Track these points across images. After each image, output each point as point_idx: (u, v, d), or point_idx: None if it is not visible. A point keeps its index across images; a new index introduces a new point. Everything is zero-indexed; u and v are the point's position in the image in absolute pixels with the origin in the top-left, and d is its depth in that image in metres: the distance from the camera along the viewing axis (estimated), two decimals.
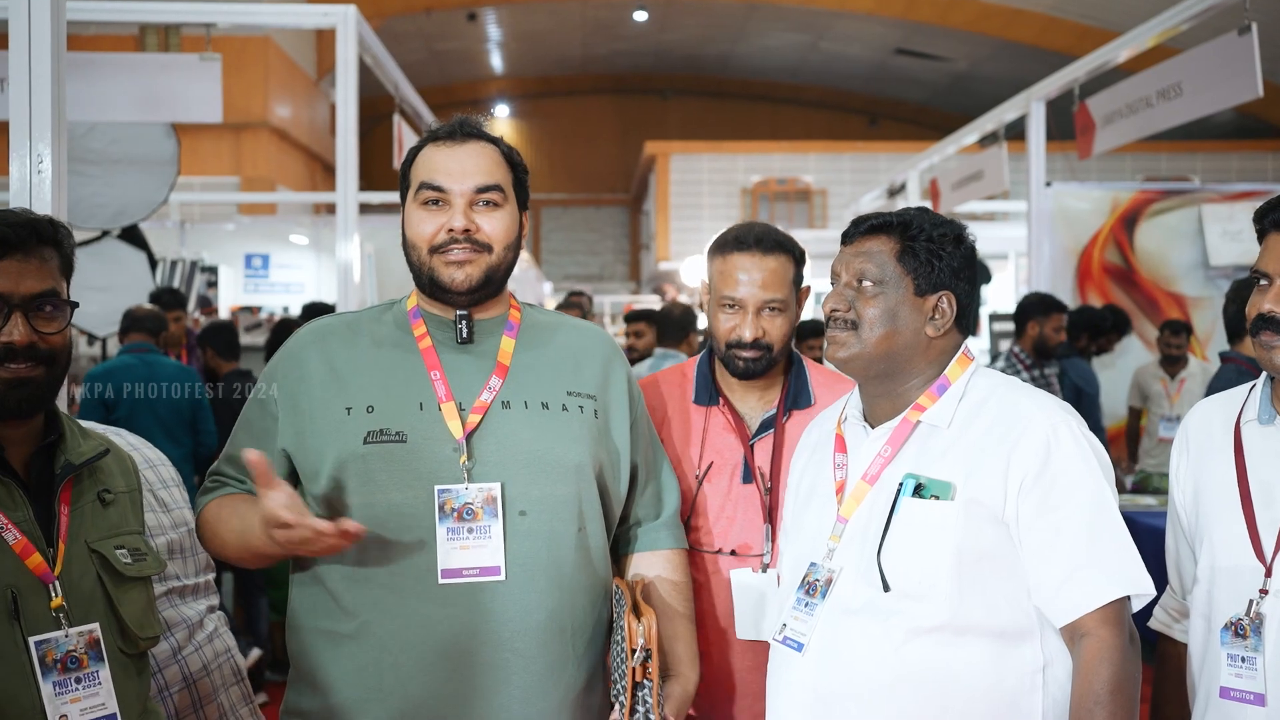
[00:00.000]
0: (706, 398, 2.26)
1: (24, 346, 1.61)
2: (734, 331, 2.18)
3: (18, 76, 2.40)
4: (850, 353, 1.82)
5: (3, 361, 1.61)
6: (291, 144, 18.19)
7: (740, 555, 2.17)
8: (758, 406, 2.26)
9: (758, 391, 2.26)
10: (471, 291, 1.88)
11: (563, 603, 1.83)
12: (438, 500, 1.78)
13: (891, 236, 1.82)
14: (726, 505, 2.19)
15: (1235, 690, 1.74)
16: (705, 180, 22.24)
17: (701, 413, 2.26)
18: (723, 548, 2.18)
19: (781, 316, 2.19)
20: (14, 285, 1.62)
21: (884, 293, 1.81)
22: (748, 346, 2.17)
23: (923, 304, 1.82)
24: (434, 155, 1.91)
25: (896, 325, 1.80)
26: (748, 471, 2.20)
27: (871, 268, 1.81)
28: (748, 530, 2.18)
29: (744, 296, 2.17)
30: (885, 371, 1.83)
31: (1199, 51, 4.94)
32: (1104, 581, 1.69)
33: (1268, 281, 1.77)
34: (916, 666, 1.70)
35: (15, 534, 1.60)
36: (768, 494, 2.18)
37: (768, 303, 2.17)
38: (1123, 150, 7.45)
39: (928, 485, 1.74)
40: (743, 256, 2.19)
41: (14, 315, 1.61)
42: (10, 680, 1.55)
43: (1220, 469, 1.85)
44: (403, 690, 1.76)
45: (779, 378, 2.28)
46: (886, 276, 1.81)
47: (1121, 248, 7.12)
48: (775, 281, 2.17)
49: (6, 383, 1.61)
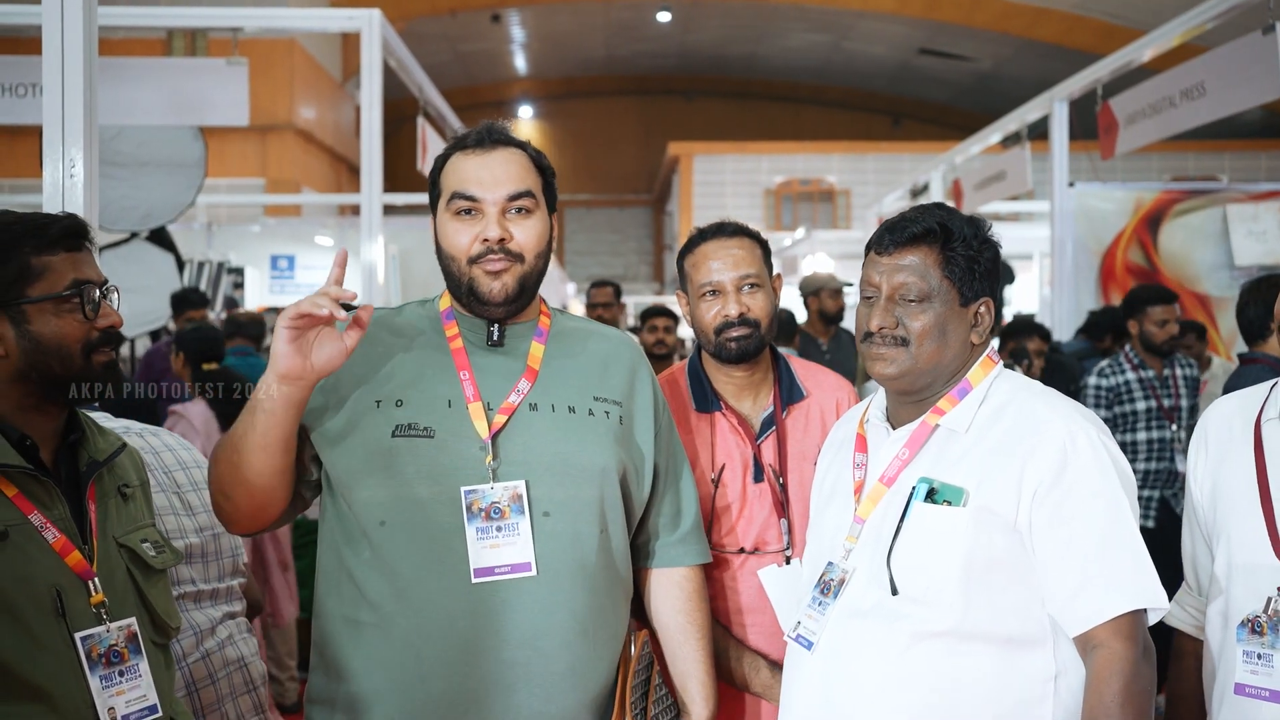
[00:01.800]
0: (706, 405, 2.28)
1: (116, 331, 1.71)
2: (720, 314, 2.22)
3: (51, 83, 2.45)
4: (901, 369, 1.79)
5: (102, 345, 1.70)
6: (316, 146, 18.32)
7: (760, 552, 2.20)
8: (755, 407, 2.29)
9: (751, 392, 2.30)
10: (507, 302, 1.90)
11: (586, 603, 1.84)
12: (465, 500, 1.80)
13: (933, 247, 1.79)
14: (742, 505, 2.23)
15: (1251, 687, 1.75)
16: (729, 181, 22.25)
17: (706, 419, 2.28)
18: (743, 546, 2.21)
19: (761, 293, 2.24)
20: (97, 273, 1.72)
21: (932, 307, 1.78)
22: (736, 325, 2.20)
23: (966, 313, 1.81)
24: (464, 163, 1.92)
25: (945, 339, 1.79)
26: (758, 471, 2.23)
27: (916, 281, 1.78)
28: (765, 527, 2.21)
29: (721, 279, 2.22)
30: (930, 383, 1.82)
31: (1222, 51, 4.92)
32: (1117, 594, 1.67)
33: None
34: (921, 671, 1.71)
35: (55, 532, 1.65)
36: (782, 490, 2.20)
37: (745, 279, 2.22)
38: (1149, 150, 7.41)
39: (940, 490, 1.74)
40: (711, 244, 2.27)
41: (105, 300, 1.72)
42: (62, 676, 1.59)
43: (1240, 466, 1.86)
44: (423, 683, 1.78)
45: (768, 377, 2.31)
46: (933, 290, 1.78)
47: (1145, 248, 7.09)
48: (747, 259, 2.23)
49: (104, 365, 1.71)
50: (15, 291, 1.66)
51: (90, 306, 1.70)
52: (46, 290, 1.67)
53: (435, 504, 1.81)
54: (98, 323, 1.70)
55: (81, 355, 1.69)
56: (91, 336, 1.70)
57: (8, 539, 1.59)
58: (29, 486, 1.65)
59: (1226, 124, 5.07)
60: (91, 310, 1.70)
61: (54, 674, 1.59)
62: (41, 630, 1.59)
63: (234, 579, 2.45)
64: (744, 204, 21.94)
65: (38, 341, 1.66)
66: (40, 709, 1.57)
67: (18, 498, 1.63)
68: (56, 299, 1.67)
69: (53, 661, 1.59)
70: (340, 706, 1.84)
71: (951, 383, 1.83)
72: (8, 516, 1.61)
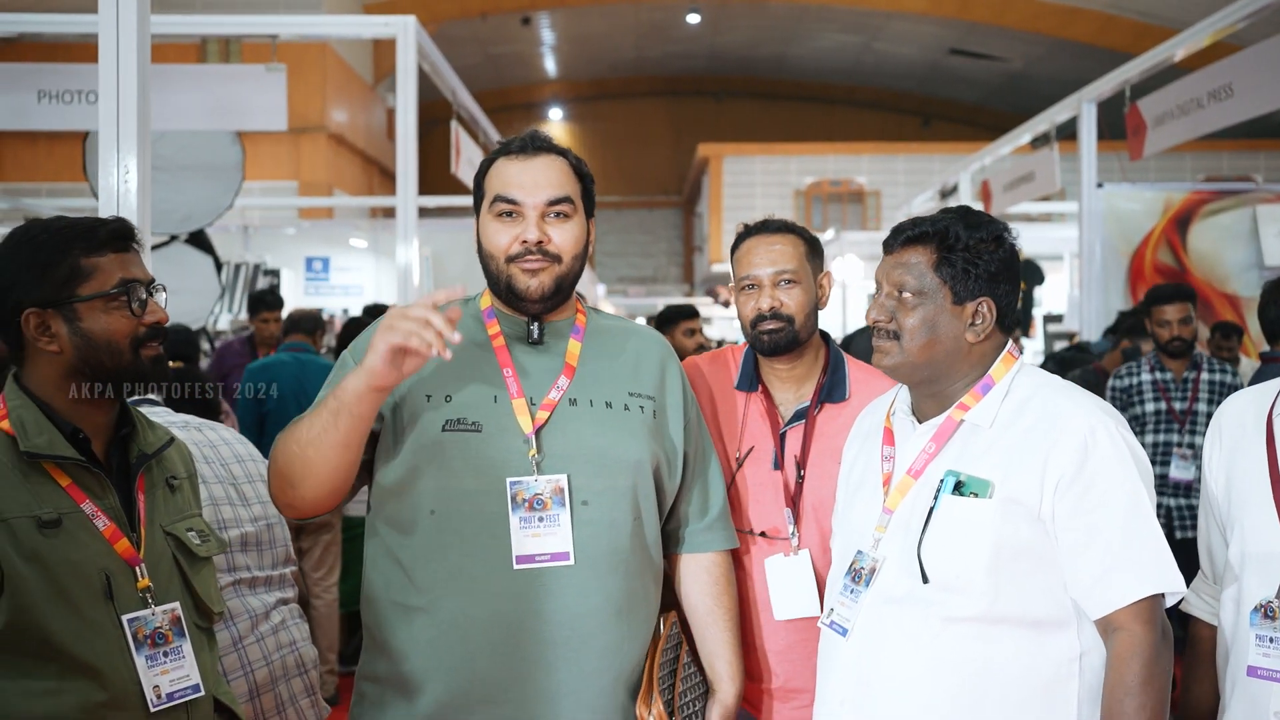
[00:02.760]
0: (747, 384, 2.38)
1: (162, 327, 1.82)
2: (754, 308, 2.31)
3: (107, 91, 2.56)
4: (894, 361, 1.90)
5: (150, 340, 1.80)
6: (348, 148, 18.51)
7: (770, 537, 2.28)
8: (793, 396, 2.37)
9: (795, 382, 2.37)
10: (544, 300, 1.99)
11: (620, 587, 1.94)
12: (510, 491, 1.89)
13: (929, 247, 1.88)
14: (760, 490, 2.31)
15: (1263, 669, 1.82)
16: (758, 182, 22.27)
17: (742, 398, 2.38)
18: (756, 529, 2.30)
19: (797, 288, 2.31)
20: (144, 273, 1.82)
21: (922, 304, 1.87)
22: (768, 318, 2.29)
23: (962, 312, 1.88)
24: (507, 168, 2.01)
25: (936, 334, 1.87)
26: (776, 458, 2.31)
27: (910, 279, 1.88)
28: (775, 514, 2.29)
29: (758, 274, 2.32)
30: (929, 377, 1.90)
31: (1250, 53, 4.93)
32: (1136, 580, 1.75)
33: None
34: (953, 654, 1.78)
35: (105, 520, 1.75)
36: (798, 481, 2.27)
37: (780, 274, 2.30)
38: (1182, 149, 7.43)
39: (967, 483, 1.81)
40: (753, 240, 2.37)
41: (151, 298, 1.81)
42: (111, 655, 1.70)
43: (1252, 458, 1.92)
44: (470, 664, 1.87)
45: (816, 370, 2.38)
46: (925, 287, 1.87)
47: (1174, 248, 7.09)
48: (784, 256, 2.32)
49: (152, 360, 1.81)
50: (67, 291, 1.77)
51: (137, 304, 1.80)
52: (96, 289, 1.77)
53: (482, 495, 1.89)
54: (145, 319, 1.80)
55: (130, 350, 1.79)
56: (139, 332, 1.80)
57: (61, 526, 1.69)
58: (81, 477, 1.75)
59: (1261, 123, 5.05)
60: (138, 307, 1.80)
61: (103, 653, 1.69)
62: (92, 612, 1.69)
63: (286, 567, 2.56)
64: (774, 205, 21.94)
65: (89, 337, 1.77)
66: (91, 685, 1.67)
67: (71, 487, 1.73)
68: (105, 297, 1.77)
69: (102, 641, 1.69)
70: (391, 684, 1.93)
71: (973, 378, 1.90)
72: (61, 505, 1.71)
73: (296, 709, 2.47)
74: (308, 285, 9.72)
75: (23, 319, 1.77)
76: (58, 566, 1.67)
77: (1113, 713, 1.73)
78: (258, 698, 2.38)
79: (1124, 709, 1.71)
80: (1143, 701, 1.70)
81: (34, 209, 10.20)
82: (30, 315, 1.77)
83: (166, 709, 1.74)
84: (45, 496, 1.70)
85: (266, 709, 2.40)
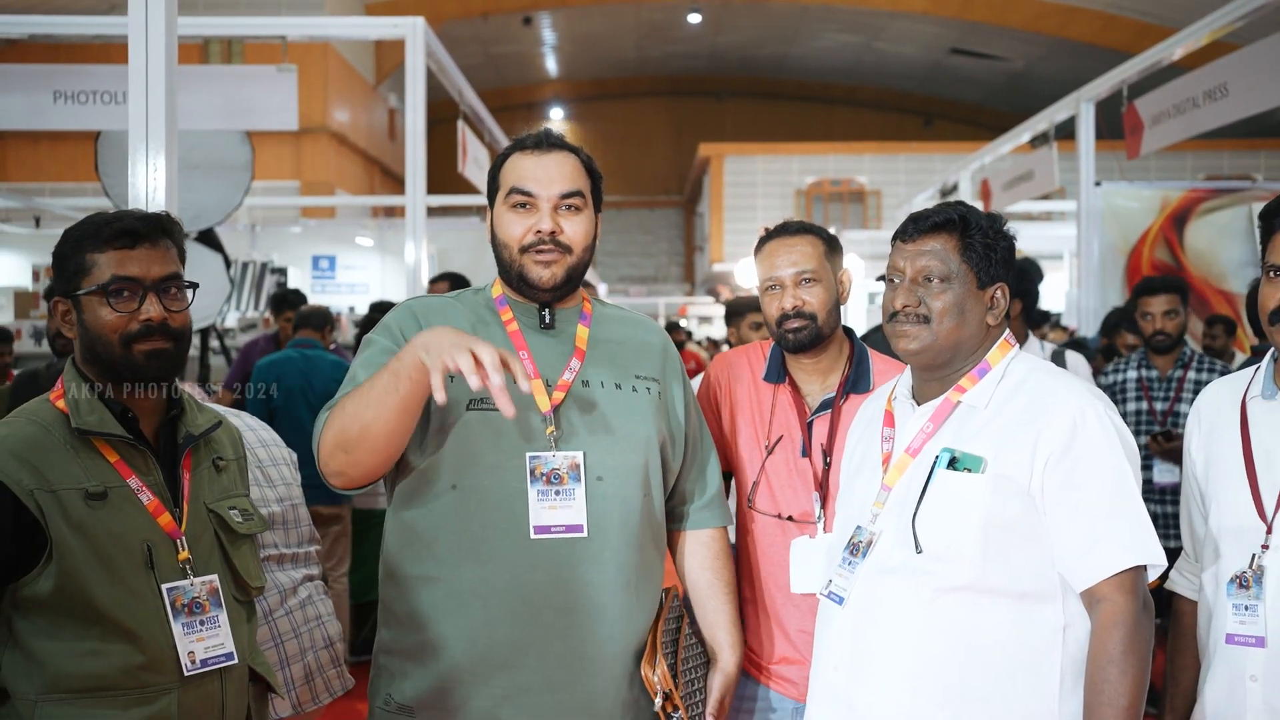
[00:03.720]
0: (775, 376, 2.49)
1: (159, 323, 1.87)
2: (779, 307, 2.42)
3: (136, 93, 2.64)
4: (922, 344, 1.96)
5: (143, 337, 1.87)
6: (350, 148, 18.61)
7: (799, 521, 2.39)
8: (819, 388, 2.48)
9: (821, 375, 2.48)
10: (555, 289, 2.10)
11: (630, 559, 2.04)
12: (529, 465, 2.00)
13: (953, 234, 1.97)
14: (789, 476, 2.42)
15: (1239, 635, 1.93)
16: (759, 182, 22.35)
17: (769, 390, 2.49)
18: (784, 513, 2.40)
19: (818, 286, 2.42)
20: (146, 270, 1.89)
21: (951, 288, 1.96)
22: (791, 317, 2.40)
23: (983, 296, 1.98)
24: (522, 162, 2.11)
25: (964, 317, 1.96)
26: (804, 446, 2.41)
27: (937, 264, 1.96)
28: (805, 500, 2.39)
29: (781, 274, 2.42)
30: (950, 359, 1.99)
31: (1245, 53, 5.01)
32: (1119, 552, 1.84)
33: None
34: (943, 622, 1.87)
35: (149, 495, 1.86)
36: (825, 468, 2.38)
37: (802, 274, 2.41)
38: (1183, 148, 7.50)
39: (961, 459, 1.91)
40: (775, 243, 2.47)
41: (149, 296, 1.88)
42: (149, 620, 1.81)
43: (1228, 440, 2.04)
44: (488, 630, 1.97)
45: (841, 362, 2.49)
46: (952, 272, 1.96)
47: (1171, 246, 7.17)
48: (805, 256, 2.42)
49: (146, 355, 1.88)
50: (75, 284, 1.89)
51: (123, 301, 1.86)
52: (91, 284, 1.87)
53: (502, 469, 1.99)
54: (138, 316, 1.87)
55: (120, 345, 1.87)
56: (130, 328, 1.87)
57: (107, 499, 1.80)
58: (128, 454, 1.87)
59: (1261, 122, 5.10)
60: (126, 303, 1.87)
61: (142, 619, 1.80)
62: (133, 580, 1.81)
63: (310, 545, 2.68)
64: (774, 204, 22.03)
65: (87, 329, 1.88)
66: (130, 648, 1.78)
67: (118, 463, 1.85)
68: (96, 292, 1.87)
69: (142, 608, 1.81)
70: (412, 654, 2.02)
71: (971, 363, 2.00)
72: (108, 479, 1.82)
73: (324, 679, 2.59)
74: (314, 283, 9.81)
75: (52, 306, 1.92)
76: (103, 536, 1.78)
77: (1096, 679, 1.81)
78: (288, 667, 2.49)
79: (1107, 675, 1.80)
80: (1124, 668, 1.79)
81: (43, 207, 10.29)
82: (57, 303, 1.92)
83: (200, 674, 1.85)
84: (94, 471, 1.81)
85: (296, 679, 2.52)
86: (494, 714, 1.98)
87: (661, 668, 2.03)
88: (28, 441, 1.79)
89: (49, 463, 1.78)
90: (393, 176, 21.13)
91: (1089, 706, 1.82)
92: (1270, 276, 1.97)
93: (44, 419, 1.84)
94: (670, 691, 2.02)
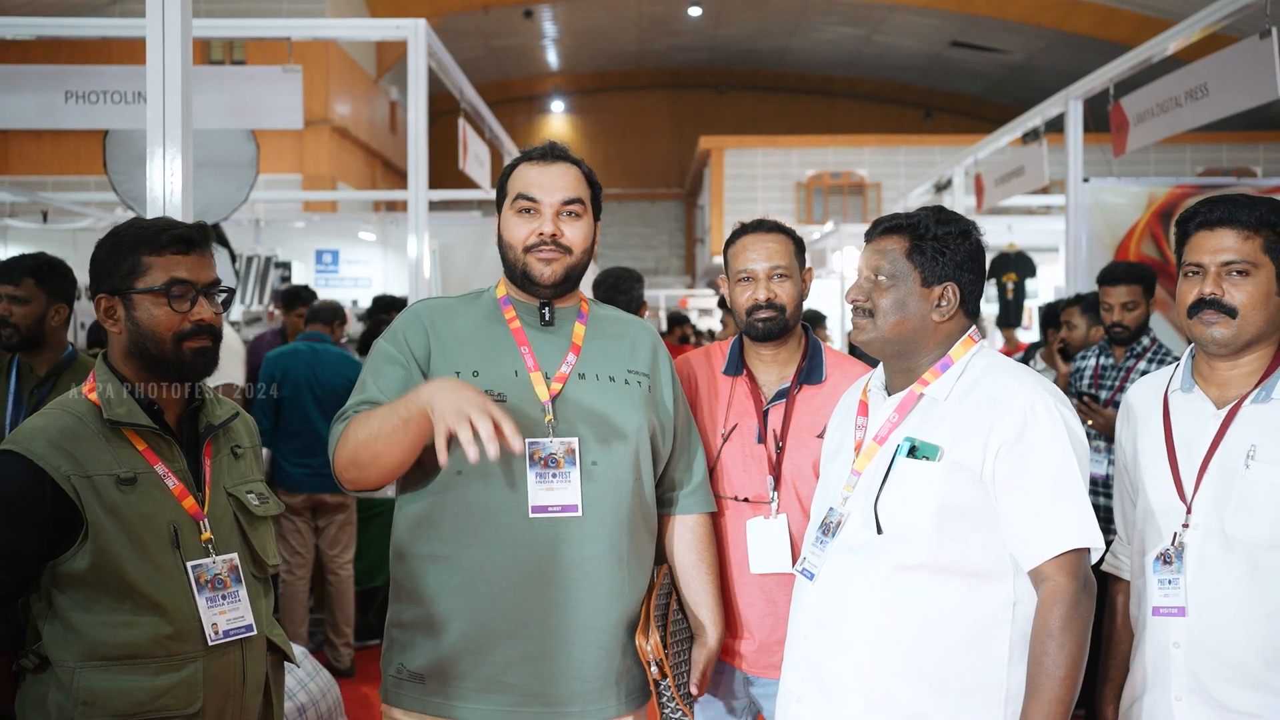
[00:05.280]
0: (733, 369, 2.68)
1: (208, 324, 2.05)
2: (751, 298, 2.60)
3: (154, 94, 2.78)
4: (868, 336, 2.16)
5: (193, 336, 2.05)
6: (351, 141, 18.71)
7: (754, 503, 2.56)
8: (775, 379, 2.66)
9: (777, 366, 2.66)
10: (555, 285, 2.29)
11: (622, 538, 2.22)
12: (528, 450, 2.17)
13: (903, 236, 2.15)
14: (744, 461, 2.59)
15: (1163, 607, 2.11)
16: (759, 174, 22.45)
17: (728, 382, 2.67)
18: (739, 495, 2.58)
19: (788, 282, 2.61)
20: (198, 275, 2.07)
21: (895, 285, 2.13)
22: (763, 308, 2.58)
23: (929, 294, 2.14)
24: (528, 172, 2.31)
25: (906, 313, 2.13)
26: (759, 433, 2.58)
27: (885, 264, 2.14)
28: (759, 483, 2.57)
29: (754, 268, 2.61)
30: (899, 351, 2.16)
31: (1225, 54, 5.13)
32: (1062, 535, 2.00)
33: (1200, 271, 2.12)
34: (900, 598, 2.04)
35: (174, 480, 2.04)
36: (779, 453, 2.53)
37: (774, 269, 2.60)
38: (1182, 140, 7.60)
39: (920, 447, 2.08)
40: (749, 238, 2.66)
41: (200, 299, 2.05)
42: (176, 595, 1.99)
43: (1152, 430, 2.22)
44: (491, 603, 2.15)
45: (797, 355, 2.66)
46: (898, 271, 2.13)
47: (1158, 241, 7.28)
48: (777, 253, 2.62)
49: (194, 352, 2.06)
50: (127, 283, 2.05)
51: (181, 301, 2.04)
52: (147, 284, 2.04)
53: (505, 455, 2.13)
54: (190, 316, 2.05)
55: (172, 342, 2.05)
56: (183, 328, 2.05)
57: (136, 483, 1.98)
58: (155, 442, 2.04)
59: (1260, 114, 5.13)
60: (182, 305, 2.04)
61: (170, 593, 1.98)
62: (161, 558, 1.98)
63: None
64: (775, 197, 22.14)
65: (138, 326, 2.05)
66: (159, 620, 1.96)
67: (146, 451, 2.03)
68: (153, 292, 2.03)
69: (169, 583, 1.98)
70: (421, 627, 2.20)
71: (935, 357, 2.16)
72: (137, 465, 2.00)
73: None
74: (317, 277, 9.94)
75: (96, 301, 2.07)
76: (133, 518, 1.95)
77: (1037, 651, 1.98)
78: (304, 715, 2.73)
79: (1046, 648, 1.96)
80: (1062, 642, 1.95)
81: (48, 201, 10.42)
82: (101, 299, 2.07)
83: (223, 644, 2.03)
84: (124, 458, 1.99)
85: None
86: (497, 680, 2.16)
87: (654, 638, 2.19)
88: (64, 432, 1.96)
89: (83, 451, 1.95)
90: (394, 170, 21.26)
91: (1031, 676, 1.98)
92: (1187, 275, 2.15)
93: (78, 410, 2.01)
94: (661, 660, 2.18)
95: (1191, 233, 2.15)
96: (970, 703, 2.01)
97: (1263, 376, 2.11)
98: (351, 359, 5.85)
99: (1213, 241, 2.10)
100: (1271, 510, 2.01)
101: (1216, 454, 2.10)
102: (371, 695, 5.23)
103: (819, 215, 21.57)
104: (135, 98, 5.46)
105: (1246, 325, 2.08)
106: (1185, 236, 2.17)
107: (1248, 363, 2.13)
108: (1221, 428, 2.11)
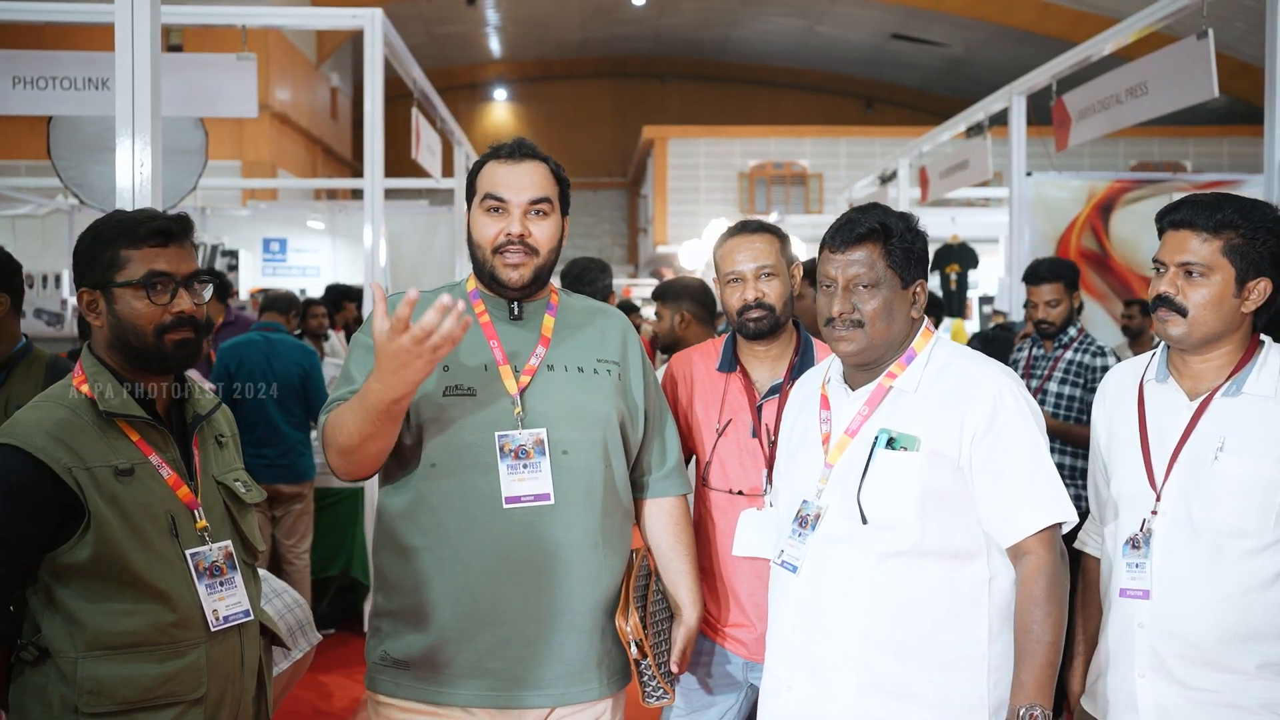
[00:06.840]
0: (727, 366, 2.75)
1: (189, 316, 2.06)
2: (740, 299, 2.67)
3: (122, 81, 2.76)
4: (859, 346, 2.20)
5: (174, 328, 2.06)
6: (291, 128, 18.48)
7: (748, 495, 2.64)
8: (768, 375, 2.73)
9: (770, 363, 2.73)
10: (523, 288, 2.32)
11: (595, 524, 2.27)
12: (498, 443, 2.22)
13: (877, 242, 2.20)
14: (739, 455, 2.66)
15: (1130, 590, 2.22)
16: (703, 164, 22.53)
17: (722, 379, 2.74)
18: (734, 488, 2.65)
19: (776, 280, 2.68)
20: (177, 267, 2.08)
21: (880, 292, 2.19)
22: (753, 307, 2.65)
23: (907, 294, 2.23)
24: (496, 170, 2.32)
25: (892, 316, 2.21)
26: (754, 428, 2.66)
27: (866, 272, 2.19)
28: (754, 476, 2.65)
29: (742, 269, 2.68)
30: (882, 355, 2.23)
31: (1164, 53, 5.30)
32: (1040, 513, 2.12)
33: (1164, 269, 2.21)
34: (888, 582, 2.13)
35: (168, 470, 2.07)
36: (772, 446, 2.62)
37: (761, 269, 2.67)
38: (1116, 135, 7.77)
39: (898, 439, 2.16)
40: (736, 239, 2.72)
41: (180, 291, 2.06)
42: (178, 583, 2.02)
43: (1127, 418, 2.32)
44: (470, 591, 2.20)
45: (789, 351, 2.74)
46: (879, 278, 2.19)
47: (1097, 234, 7.49)
48: (764, 253, 2.68)
49: (176, 344, 2.07)
50: (107, 277, 2.05)
51: (161, 294, 2.05)
52: (127, 278, 2.04)
53: (476, 448, 2.21)
54: (170, 308, 2.05)
55: (153, 334, 2.05)
56: (164, 320, 2.05)
57: (134, 474, 2.00)
58: (148, 433, 2.06)
59: (1191, 111, 5.27)
60: (161, 297, 2.05)
61: (171, 581, 2.00)
62: (161, 547, 2.01)
63: None
64: (717, 187, 22.25)
65: (119, 319, 2.05)
66: (162, 607, 1.99)
67: (140, 442, 2.04)
68: (133, 285, 2.04)
69: (170, 571, 2.01)
70: (404, 616, 2.25)
71: (900, 351, 2.23)
72: (133, 456, 2.02)
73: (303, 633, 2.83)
74: (265, 266, 9.87)
75: (78, 295, 2.08)
76: (132, 508, 1.98)
77: (1024, 619, 2.10)
78: None
79: (1034, 616, 2.08)
80: (1048, 610, 2.08)
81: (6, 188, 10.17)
82: (83, 293, 2.08)
83: (224, 629, 2.06)
84: (120, 449, 2.01)
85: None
86: (480, 665, 2.21)
87: (634, 619, 2.25)
88: (61, 424, 1.97)
89: (81, 443, 1.96)
90: (335, 156, 21.01)
91: (1019, 644, 2.10)
92: (1156, 271, 2.25)
93: (71, 403, 2.02)
94: (641, 641, 2.25)
95: (1162, 231, 2.25)
96: (955, 677, 2.12)
97: (1233, 370, 2.21)
98: (307, 348, 5.83)
99: (1175, 241, 2.20)
100: (1236, 500, 2.12)
101: (1187, 444, 2.19)
102: (330, 682, 5.24)
103: (761, 206, 21.71)
104: (85, 84, 5.38)
105: (1197, 325, 2.17)
106: (1160, 234, 2.27)
107: (1217, 356, 2.22)
108: (1193, 419, 2.20)
